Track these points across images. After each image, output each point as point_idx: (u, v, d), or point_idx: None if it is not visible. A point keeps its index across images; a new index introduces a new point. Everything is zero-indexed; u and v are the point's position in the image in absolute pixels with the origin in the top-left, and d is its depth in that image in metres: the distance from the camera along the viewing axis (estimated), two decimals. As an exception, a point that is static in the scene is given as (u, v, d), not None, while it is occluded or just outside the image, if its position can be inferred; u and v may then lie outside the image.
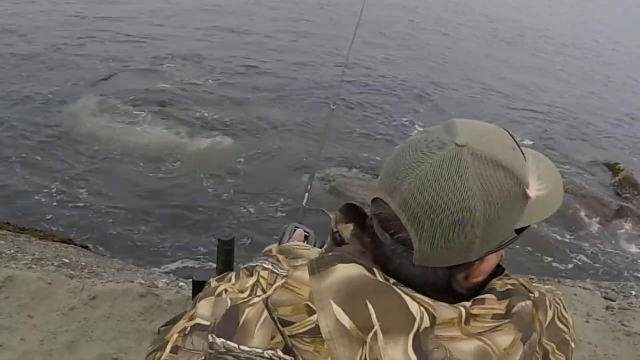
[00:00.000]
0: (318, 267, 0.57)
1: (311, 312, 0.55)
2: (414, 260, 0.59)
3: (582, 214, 6.07)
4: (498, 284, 0.62)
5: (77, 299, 2.83)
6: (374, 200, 0.62)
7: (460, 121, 0.62)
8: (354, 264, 0.57)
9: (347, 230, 0.74)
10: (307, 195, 1.46)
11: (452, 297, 0.61)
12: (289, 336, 0.56)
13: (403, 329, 0.53)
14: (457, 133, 0.59)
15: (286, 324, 0.56)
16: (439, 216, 0.56)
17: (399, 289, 0.56)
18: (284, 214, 5.51)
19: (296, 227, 1.13)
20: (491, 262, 0.63)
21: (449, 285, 0.62)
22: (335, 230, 0.75)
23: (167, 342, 0.66)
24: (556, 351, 0.63)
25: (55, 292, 2.85)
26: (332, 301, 0.54)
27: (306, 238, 1.10)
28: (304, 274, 0.58)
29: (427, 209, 0.56)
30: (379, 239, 0.62)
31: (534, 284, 0.68)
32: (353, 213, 0.76)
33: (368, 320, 0.53)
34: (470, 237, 0.57)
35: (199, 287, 1.07)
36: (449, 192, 0.56)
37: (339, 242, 0.74)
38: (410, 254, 0.59)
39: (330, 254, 0.60)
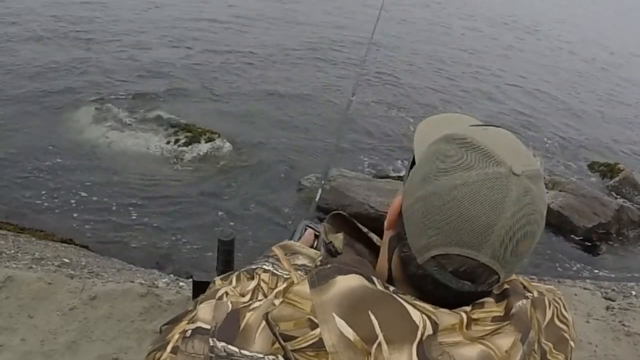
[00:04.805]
0: (318, 280, 0.57)
1: (313, 325, 0.55)
2: (491, 288, 0.61)
3: (582, 213, 6.06)
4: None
5: (77, 298, 2.83)
6: (441, 256, 0.58)
7: (483, 140, 0.60)
8: (353, 275, 0.57)
9: (338, 239, 0.75)
10: (320, 190, 1.40)
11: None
12: (292, 350, 0.55)
13: (406, 338, 0.53)
14: (502, 159, 0.58)
15: (288, 338, 0.55)
16: (529, 248, 0.59)
17: (399, 297, 0.56)
18: (285, 214, 5.51)
19: (307, 226, 1.08)
20: None
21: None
22: (327, 241, 0.75)
23: (168, 342, 0.65)
24: (553, 350, 0.63)
25: (56, 292, 2.85)
26: (334, 314, 0.54)
27: (317, 237, 1.04)
28: (304, 288, 0.57)
29: (519, 247, 0.58)
30: (433, 282, 0.60)
31: (533, 284, 0.69)
32: (340, 222, 0.76)
33: (371, 331, 0.53)
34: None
35: (198, 287, 1.06)
36: (532, 225, 0.58)
37: (333, 252, 0.74)
38: (479, 285, 0.60)
39: (329, 265, 0.59)
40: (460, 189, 0.57)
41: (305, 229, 1.07)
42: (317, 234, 1.06)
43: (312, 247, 1.01)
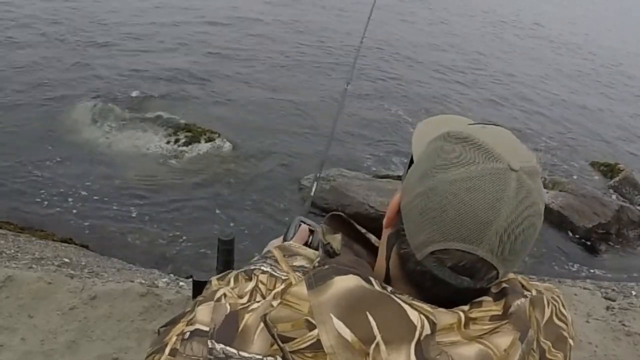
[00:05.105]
0: (316, 281, 0.57)
1: (311, 327, 0.55)
2: (490, 285, 0.61)
3: (582, 213, 6.06)
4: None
5: (77, 298, 2.84)
6: (440, 251, 0.58)
7: (481, 137, 0.61)
8: (350, 275, 0.57)
9: (336, 240, 0.75)
10: (315, 184, 1.37)
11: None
12: (290, 352, 0.55)
13: (404, 338, 0.53)
14: (501, 155, 0.58)
15: (286, 339, 0.55)
16: (527, 243, 0.59)
17: (397, 297, 0.56)
18: (285, 213, 5.51)
19: (301, 222, 1.07)
20: None
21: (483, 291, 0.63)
22: (325, 242, 0.75)
23: (166, 345, 0.65)
24: (552, 349, 0.63)
25: (55, 292, 2.86)
26: (332, 315, 0.54)
27: (312, 233, 1.04)
28: (301, 289, 0.57)
29: (517, 242, 0.58)
30: (432, 278, 0.60)
31: (532, 282, 0.69)
32: (338, 223, 0.77)
33: (369, 332, 0.53)
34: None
35: (198, 287, 1.06)
36: (530, 220, 0.58)
37: (331, 253, 0.74)
38: (477, 281, 0.59)
39: (327, 266, 0.59)
40: (459, 183, 0.57)
41: (299, 225, 1.06)
42: (312, 229, 1.05)
43: (306, 243, 1.01)
